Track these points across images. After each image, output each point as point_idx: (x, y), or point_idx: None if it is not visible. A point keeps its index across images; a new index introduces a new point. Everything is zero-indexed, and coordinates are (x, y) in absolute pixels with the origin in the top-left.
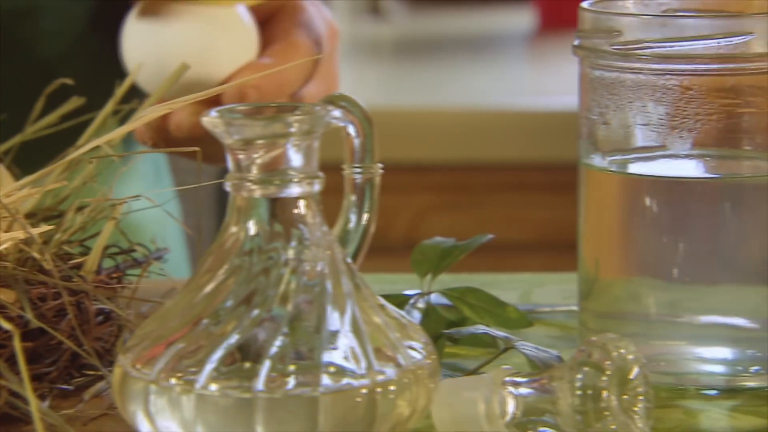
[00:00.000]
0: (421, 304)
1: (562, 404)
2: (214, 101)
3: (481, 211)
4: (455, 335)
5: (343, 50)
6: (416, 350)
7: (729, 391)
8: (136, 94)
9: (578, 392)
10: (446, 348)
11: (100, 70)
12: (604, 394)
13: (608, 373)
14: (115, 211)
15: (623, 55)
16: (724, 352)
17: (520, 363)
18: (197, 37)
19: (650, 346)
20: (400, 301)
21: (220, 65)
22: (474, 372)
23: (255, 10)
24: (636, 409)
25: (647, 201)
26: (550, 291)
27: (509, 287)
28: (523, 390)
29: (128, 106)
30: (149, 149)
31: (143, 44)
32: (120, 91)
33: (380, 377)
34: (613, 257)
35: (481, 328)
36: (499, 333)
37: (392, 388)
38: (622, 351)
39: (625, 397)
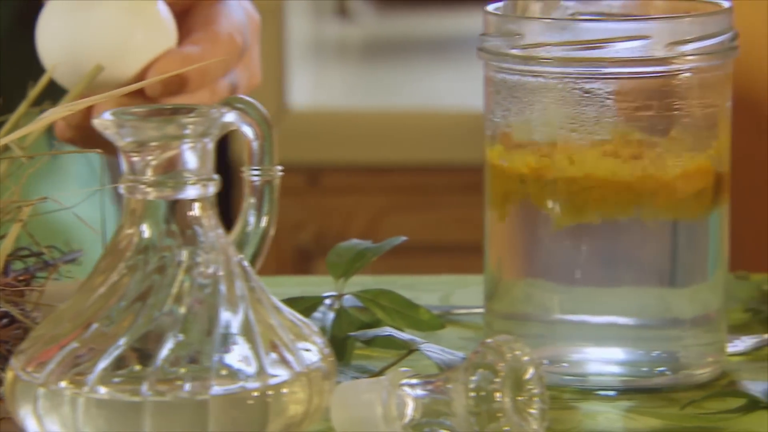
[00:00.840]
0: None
1: (457, 406)
2: (138, 93)
3: (438, 213)
4: (360, 338)
5: (309, 51)
6: (311, 352)
7: (629, 392)
8: (55, 92)
9: (471, 394)
10: (358, 350)
11: (28, 71)
12: (497, 395)
13: (501, 374)
14: (21, 213)
15: (524, 58)
16: (625, 354)
17: (431, 365)
18: (113, 30)
19: (552, 347)
20: (314, 303)
21: (137, 58)
22: (379, 374)
23: (173, 3)
24: (531, 410)
25: (549, 204)
26: (471, 292)
27: (431, 289)
28: (420, 392)
29: (38, 108)
30: (59, 150)
31: (58, 37)
32: (33, 92)
33: (272, 380)
34: (515, 259)
35: (387, 330)
36: (405, 335)
37: (284, 390)
38: (517, 353)
39: (519, 398)
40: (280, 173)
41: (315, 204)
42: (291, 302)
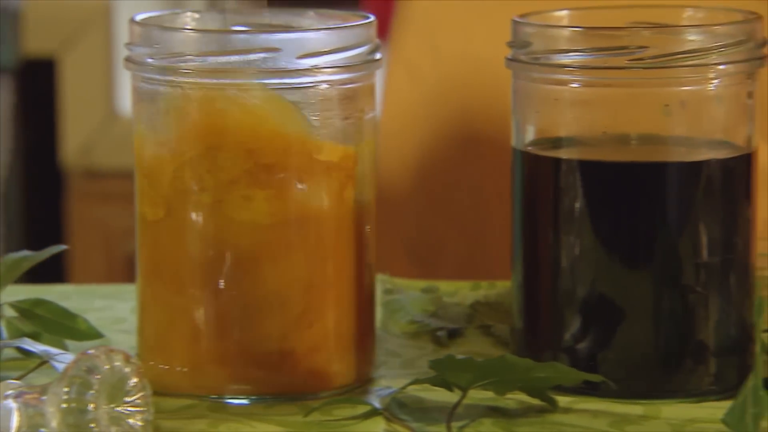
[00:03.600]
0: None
1: (50, 418)
2: None
3: None
4: None
5: None
6: None
7: (268, 401)
8: None
9: (63, 405)
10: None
11: None
12: (90, 406)
13: (96, 386)
14: None
15: (162, 68)
16: None
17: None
18: None
19: None
20: None
21: None
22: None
23: None
24: (132, 421)
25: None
26: None
27: (130, 298)
28: (22, 404)
29: None
30: None
31: None
32: None
33: None
34: (161, 268)
35: (19, 342)
36: (39, 347)
37: None
38: (117, 363)
39: (118, 408)
40: None
41: None
42: None
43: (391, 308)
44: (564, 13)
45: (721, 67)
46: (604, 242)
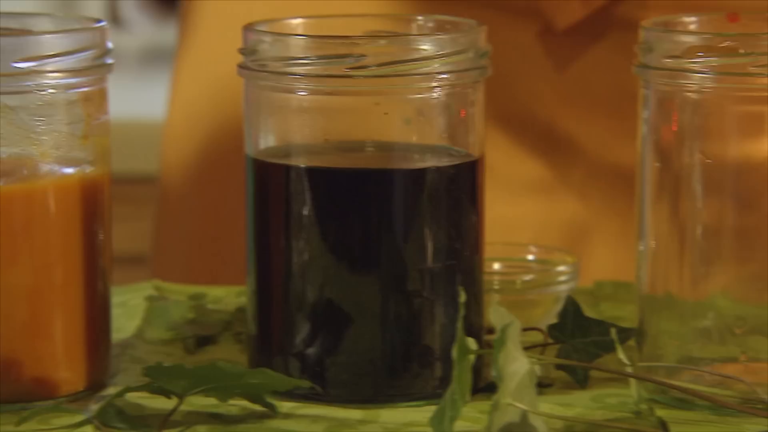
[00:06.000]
0: None
1: None
2: None
3: None
4: None
5: None
6: None
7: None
8: None
9: None
10: None
11: None
12: None
13: None
14: None
15: None
16: None
17: None
18: None
19: None
20: None
21: None
22: None
23: None
24: None
25: None
26: None
27: None
28: None
29: None
30: None
31: None
32: None
33: None
34: None
35: None
36: None
37: None
38: None
39: None
40: None
41: None
42: None
43: (152, 315)
44: (299, 21)
45: (442, 75)
46: (331, 248)
